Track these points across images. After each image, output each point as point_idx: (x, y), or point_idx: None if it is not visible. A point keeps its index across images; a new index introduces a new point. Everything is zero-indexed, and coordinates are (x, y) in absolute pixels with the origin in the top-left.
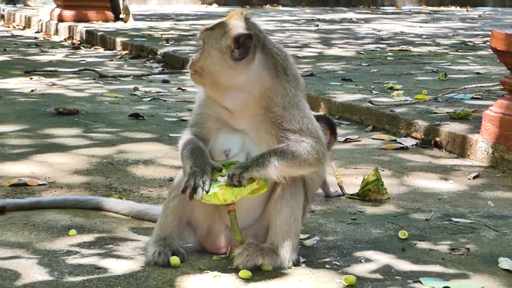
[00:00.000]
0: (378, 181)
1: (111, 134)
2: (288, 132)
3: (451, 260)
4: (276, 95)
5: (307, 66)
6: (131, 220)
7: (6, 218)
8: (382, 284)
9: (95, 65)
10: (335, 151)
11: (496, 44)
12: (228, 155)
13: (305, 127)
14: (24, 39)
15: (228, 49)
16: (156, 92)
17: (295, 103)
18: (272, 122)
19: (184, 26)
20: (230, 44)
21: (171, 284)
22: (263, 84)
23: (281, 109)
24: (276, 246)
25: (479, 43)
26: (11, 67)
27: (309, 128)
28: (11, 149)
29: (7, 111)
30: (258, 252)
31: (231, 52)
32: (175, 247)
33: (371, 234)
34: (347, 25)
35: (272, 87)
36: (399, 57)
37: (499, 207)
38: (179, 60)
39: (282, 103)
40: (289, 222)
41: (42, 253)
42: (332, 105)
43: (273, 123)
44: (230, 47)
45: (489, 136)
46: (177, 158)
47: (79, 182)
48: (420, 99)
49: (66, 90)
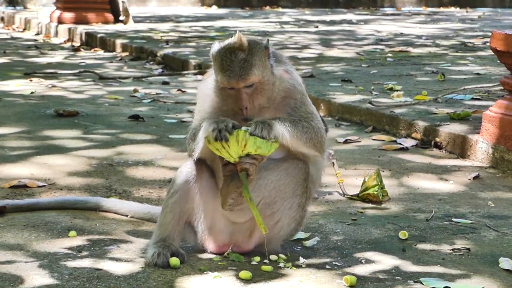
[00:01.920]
0: (378, 185)
1: (111, 136)
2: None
3: (451, 261)
4: (297, 84)
5: (307, 67)
6: (131, 221)
7: (6, 220)
8: (383, 284)
9: (95, 67)
10: (336, 151)
11: (496, 45)
12: None
13: (315, 112)
14: (24, 41)
15: (269, 64)
16: (156, 93)
17: (304, 90)
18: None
19: (184, 28)
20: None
21: (171, 285)
22: (284, 75)
23: (301, 96)
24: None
25: (478, 44)
26: (11, 69)
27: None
28: (11, 151)
29: (7, 113)
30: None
31: (270, 65)
32: (174, 248)
33: (371, 234)
34: (347, 27)
35: (291, 77)
36: (399, 58)
37: (499, 207)
38: (179, 62)
39: (302, 91)
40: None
41: (42, 254)
42: (332, 106)
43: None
44: (268, 61)
45: (489, 136)
46: (177, 159)
47: (79, 183)
48: (420, 100)
49: (66, 92)
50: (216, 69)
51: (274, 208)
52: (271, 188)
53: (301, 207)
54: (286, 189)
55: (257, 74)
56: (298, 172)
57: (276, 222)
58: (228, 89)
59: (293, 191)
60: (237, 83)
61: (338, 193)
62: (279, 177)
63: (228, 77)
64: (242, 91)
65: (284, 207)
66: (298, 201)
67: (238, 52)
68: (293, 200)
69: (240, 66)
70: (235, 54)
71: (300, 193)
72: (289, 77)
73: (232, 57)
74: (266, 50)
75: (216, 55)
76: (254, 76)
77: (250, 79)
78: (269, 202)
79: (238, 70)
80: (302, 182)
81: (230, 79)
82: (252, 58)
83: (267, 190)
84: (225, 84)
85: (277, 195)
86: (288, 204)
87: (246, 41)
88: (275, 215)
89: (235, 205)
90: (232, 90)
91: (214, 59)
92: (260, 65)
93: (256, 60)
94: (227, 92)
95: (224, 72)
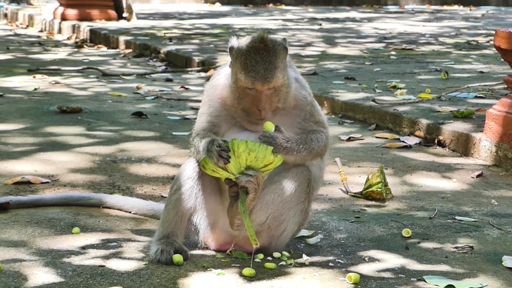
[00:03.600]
0: (382, 183)
1: (114, 133)
2: (313, 124)
3: (454, 259)
4: (308, 95)
5: (310, 65)
6: (134, 218)
7: (10, 216)
8: (386, 282)
9: (98, 64)
10: (339, 149)
11: (500, 43)
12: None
13: (321, 119)
14: (27, 38)
15: (287, 68)
16: (159, 90)
17: (313, 97)
18: (302, 119)
19: (187, 25)
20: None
21: (174, 282)
22: (294, 84)
23: (311, 107)
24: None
25: (482, 42)
26: (15, 65)
27: (323, 120)
28: (15, 147)
29: (10, 110)
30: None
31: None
32: (177, 245)
33: (374, 232)
34: (350, 24)
35: (302, 87)
36: (402, 56)
37: (502, 205)
38: (182, 58)
39: (311, 101)
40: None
41: (45, 251)
42: (335, 104)
43: (303, 120)
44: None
45: (492, 134)
46: (180, 156)
47: (82, 180)
48: (424, 98)
49: (69, 88)
50: (239, 67)
51: (281, 219)
52: (278, 202)
53: (304, 211)
54: (292, 199)
55: (280, 77)
56: (302, 180)
57: (282, 231)
58: (248, 88)
59: (297, 199)
60: (262, 85)
61: (342, 191)
62: (285, 189)
63: (252, 78)
64: (263, 92)
65: (289, 215)
66: (301, 207)
67: (263, 53)
68: (297, 207)
69: (265, 68)
70: (260, 55)
71: (303, 199)
72: (299, 87)
73: (258, 58)
74: (285, 51)
75: (239, 52)
76: (277, 79)
77: (274, 82)
78: (277, 216)
79: (263, 72)
80: (305, 188)
81: (255, 80)
82: (276, 60)
83: (274, 205)
84: (248, 84)
85: (284, 207)
86: (293, 212)
87: (270, 40)
88: (281, 225)
89: (243, 225)
90: (253, 90)
91: (235, 56)
92: (282, 68)
93: (279, 63)
94: (246, 91)
95: (248, 72)
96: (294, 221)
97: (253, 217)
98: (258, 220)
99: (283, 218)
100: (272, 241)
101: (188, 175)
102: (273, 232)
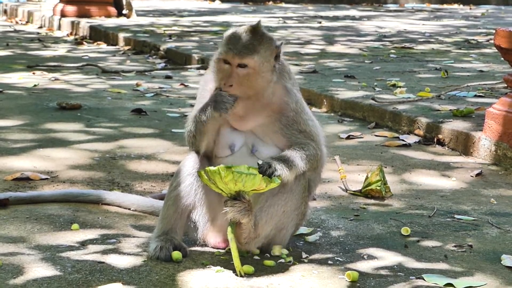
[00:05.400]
0: (381, 181)
1: (113, 129)
2: (297, 133)
3: (453, 257)
4: (292, 102)
5: (310, 63)
6: (134, 215)
7: (9, 212)
8: (385, 280)
9: (97, 61)
10: (338, 147)
11: (500, 42)
12: (233, 150)
13: (308, 129)
14: (27, 34)
15: (273, 64)
16: (159, 87)
17: (303, 107)
18: (283, 125)
19: (187, 22)
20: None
21: (173, 279)
22: (280, 91)
23: (294, 114)
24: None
25: (482, 41)
26: (14, 62)
27: (312, 130)
28: (14, 144)
29: (10, 106)
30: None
31: (273, 66)
32: (177, 241)
33: (373, 230)
34: (350, 23)
35: (287, 93)
36: (402, 55)
37: (501, 204)
38: (182, 56)
39: (296, 109)
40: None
41: (45, 247)
42: (335, 102)
43: (285, 126)
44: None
45: (492, 133)
46: (179, 153)
47: (81, 176)
48: (423, 97)
49: (69, 85)
50: (222, 42)
51: (282, 226)
52: (281, 213)
53: (301, 213)
54: (292, 208)
55: (255, 60)
56: (300, 189)
57: (282, 236)
58: (223, 61)
59: (295, 206)
60: (233, 58)
61: (341, 189)
62: (287, 200)
63: (228, 49)
64: (234, 69)
65: (289, 222)
66: (299, 211)
67: (248, 33)
68: (295, 212)
69: (243, 45)
70: (245, 35)
71: (300, 204)
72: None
73: (241, 35)
74: (275, 49)
75: (229, 32)
76: (251, 59)
77: (247, 60)
78: (279, 226)
79: (240, 47)
80: (301, 194)
81: (229, 51)
82: (258, 45)
83: (277, 216)
84: (222, 55)
85: (285, 216)
86: (292, 218)
87: (263, 31)
88: (281, 232)
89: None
90: (227, 65)
91: (225, 35)
92: (262, 56)
93: (261, 49)
94: (222, 66)
95: (227, 44)
96: (292, 225)
97: (259, 231)
98: (264, 233)
99: (284, 225)
100: (271, 243)
101: (188, 172)
102: (273, 238)
